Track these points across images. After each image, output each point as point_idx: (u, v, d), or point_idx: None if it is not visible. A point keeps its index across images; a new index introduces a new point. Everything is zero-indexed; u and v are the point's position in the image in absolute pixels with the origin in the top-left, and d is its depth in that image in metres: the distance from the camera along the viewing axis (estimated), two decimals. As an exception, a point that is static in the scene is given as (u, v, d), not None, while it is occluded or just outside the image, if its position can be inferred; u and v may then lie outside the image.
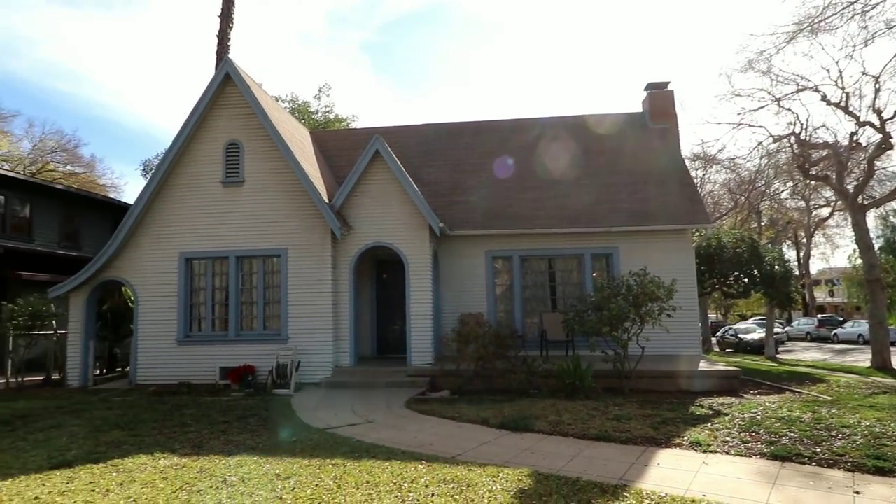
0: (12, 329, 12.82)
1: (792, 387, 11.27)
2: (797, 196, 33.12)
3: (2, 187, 17.95)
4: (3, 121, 36.75)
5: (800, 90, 17.88)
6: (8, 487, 5.36)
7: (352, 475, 5.49)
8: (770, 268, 17.77)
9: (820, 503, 4.75)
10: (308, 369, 11.62)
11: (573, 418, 7.88)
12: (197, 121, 12.65)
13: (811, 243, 40.37)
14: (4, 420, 8.56)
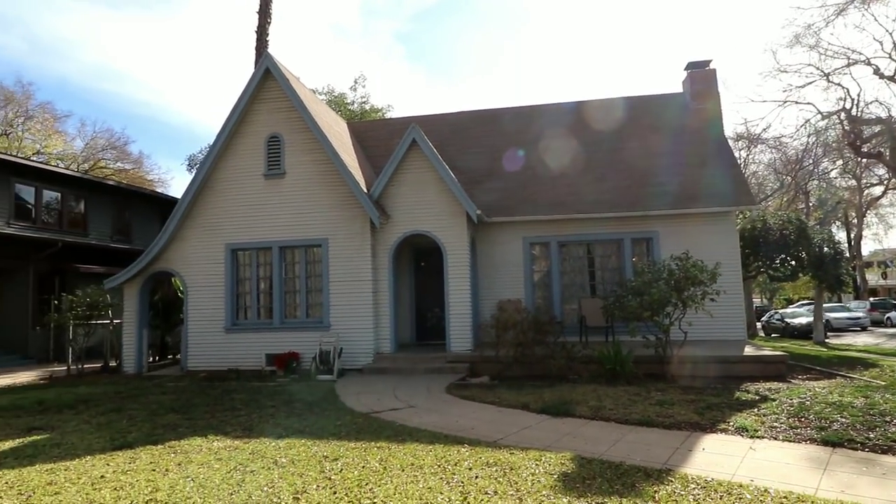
0: (72, 319, 13.49)
1: (843, 372, 10.90)
2: (847, 175, 31.73)
3: (58, 185, 18.79)
4: (58, 121, 38.41)
5: (850, 64, 17.07)
6: (76, 467, 5.68)
7: (397, 457, 5.61)
8: (819, 249, 17.11)
9: (874, 489, 4.62)
10: (350, 356, 11.85)
11: (614, 403, 7.82)
12: (239, 115, 12.94)
13: (863, 223, 38.67)
14: (69, 404, 9.02)
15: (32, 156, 33.40)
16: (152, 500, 4.64)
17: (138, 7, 78.48)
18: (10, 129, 36.01)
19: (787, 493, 4.50)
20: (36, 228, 17.53)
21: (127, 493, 4.81)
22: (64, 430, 7.34)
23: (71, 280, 17.71)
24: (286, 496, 4.61)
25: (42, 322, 15.97)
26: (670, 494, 4.48)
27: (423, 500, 4.46)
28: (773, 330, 27.24)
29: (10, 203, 16.93)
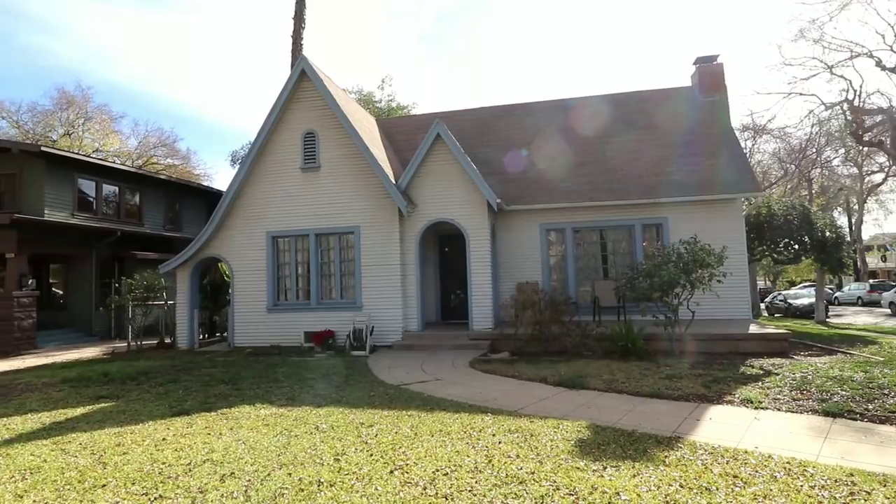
0: (131, 300, 13.87)
1: (843, 349, 10.68)
2: (849, 163, 30.85)
3: (116, 179, 19.20)
4: (113, 122, 39.15)
5: (853, 56, 16.50)
6: (140, 430, 5.91)
7: (426, 424, 5.69)
8: (821, 234, 16.70)
9: (872, 456, 4.58)
10: (380, 333, 11.99)
11: (626, 377, 7.82)
12: (277, 114, 13.05)
13: (863, 209, 37.59)
14: (131, 376, 9.31)
15: (92, 153, 34.18)
16: (209, 459, 4.80)
17: (182, 14, 79.21)
18: (72, 129, 36.84)
19: (790, 458, 4.48)
20: (97, 219, 17.98)
21: (186, 454, 4.99)
22: (128, 399, 7.62)
23: (129, 265, 18.18)
24: (328, 457, 4.73)
25: (104, 303, 16.44)
26: (680, 459, 4.49)
27: (452, 462, 4.53)
28: (776, 310, 26.72)
29: (73, 196, 17.38)
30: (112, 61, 65.39)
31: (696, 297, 9.79)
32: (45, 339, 15.57)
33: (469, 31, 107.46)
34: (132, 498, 4.02)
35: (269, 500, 3.87)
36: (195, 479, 4.32)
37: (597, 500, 3.72)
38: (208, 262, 14.13)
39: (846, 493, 3.77)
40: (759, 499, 3.70)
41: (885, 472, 4.16)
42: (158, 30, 72.06)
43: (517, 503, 3.70)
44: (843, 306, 33.11)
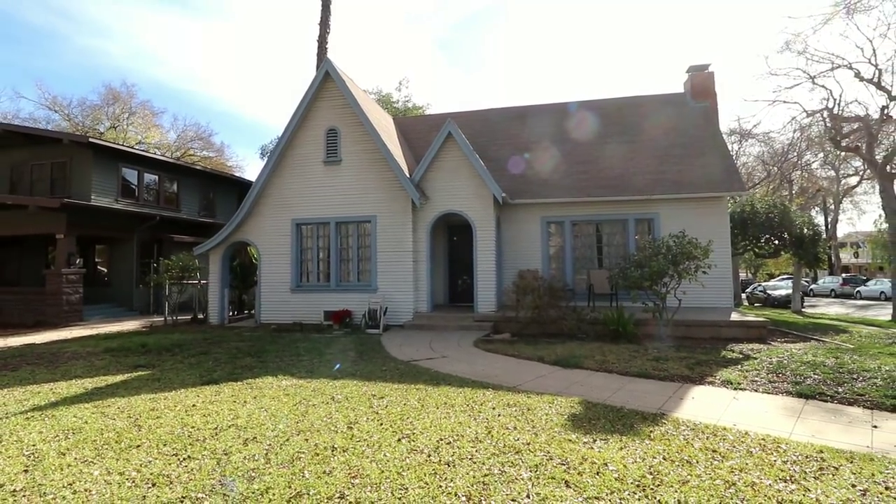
0: (168, 279, 13.94)
1: (816, 336, 10.55)
2: (827, 166, 30.36)
3: (156, 169, 19.25)
4: (155, 117, 39.17)
5: (834, 68, 16.08)
6: (172, 397, 5.93)
7: (432, 397, 5.67)
8: (800, 231, 16.47)
9: (840, 434, 4.52)
10: (393, 314, 11.98)
11: (617, 358, 7.76)
12: (303, 111, 12.97)
13: (839, 209, 37.08)
14: (166, 348, 9.35)
15: (135, 145, 34.28)
16: (234, 425, 4.81)
17: (219, 19, 78.91)
18: (117, 122, 36.92)
19: (765, 435, 4.43)
20: (138, 205, 18.05)
21: (213, 419, 5.00)
22: (162, 368, 7.64)
23: (166, 247, 18.28)
24: (342, 425, 4.73)
25: (144, 281, 16.57)
26: (664, 434, 4.44)
27: (455, 432, 4.52)
28: (756, 300, 26.49)
29: (117, 184, 17.44)
30: (156, 62, 65.39)
31: (683, 286, 9.68)
32: (91, 313, 15.73)
33: (481, 39, 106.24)
34: (163, 458, 4.04)
35: (287, 462, 3.88)
36: (221, 442, 4.34)
37: (586, 469, 3.68)
38: (238, 245, 14.15)
39: (816, 468, 3.73)
40: (736, 471, 3.65)
41: (851, 449, 4.12)
42: (198, 33, 71.97)
43: (513, 471, 3.67)
44: (818, 297, 32.79)
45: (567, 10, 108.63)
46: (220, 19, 79.53)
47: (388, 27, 75.70)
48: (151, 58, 65.09)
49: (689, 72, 15.66)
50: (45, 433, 4.69)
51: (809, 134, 22.11)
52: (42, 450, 4.26)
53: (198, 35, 72.38)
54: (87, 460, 4.04)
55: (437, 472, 3.68)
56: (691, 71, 15.57)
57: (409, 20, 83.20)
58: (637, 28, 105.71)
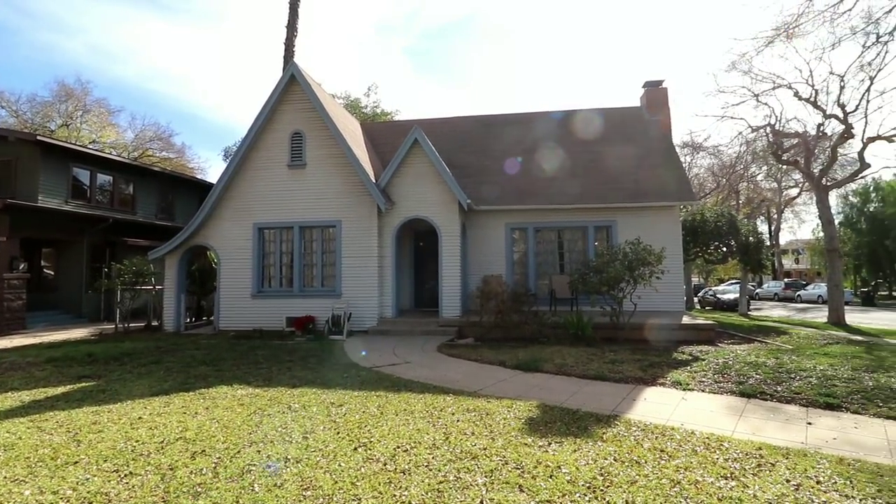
0: (120, 284, 13.25)
1: (759, 338, 11.02)
2: (770, 178, 32.01)
3: (111, 169, 18.37)
4: (111, 115, 37.43)
5: (776, 87, 16.92)
6: (117, 409, 5.57)
7: (392, 404, 5.57)
8: (745, 239, 17.23)
9: (778, 431, 4.71)
10: (357, 319, 11.79)
11: (575, 361, 7.86)
12: (267, 114, 12.66)
13: (781, 218, 39.17)
14: (115, 357, 8.78)
15: (89, 144, 32.65)
16: (182, 437, 4.58)
17: (184, 17, 76.42)
18: (70, 120, 35.06)
19: (710, 434, 4.56)
20: (90, 206, 17.15)
21: (160, 432, 4.74)
22: (109, 379, 7.20)
23: (120, 251, 17.42)
24: (297, 435, 4.58)
25: (94, 287, 15.72)
26: (616, 435, 4.51)
27: (412, 439, 4.44)
28: (707, 304, 27.52)
29: (68, 184, 16.52)
30: (116, 60, 62.72)
31: (639, 291, 9.95)
32: (35, 320, 14.79)
33: (451, 50, 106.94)
34: (102, 474, 3.79)
35: (236, 476, 3.71)
36: (166, 457, 4.11)
37: (540, 473, 3.68)
38: (197, 249, 13.64)
39: (754, 465, 3.85)
40: (682, 470, 3.73)
41: (788, 445, 4.29)
42: (162, 32, 69.42)
43: (469, 477, 3.63)
44: (763, 301, 34.40)
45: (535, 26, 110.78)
46: (186, 19, 77.17)
47: (358, 34, 75.26)
48: (112, 56, 62.47)
49: (644, 87, 16.19)
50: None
51: (754, 148, 23.18)
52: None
53: (162, 34, 69.86)
54: (19, 479, 3.74)
55: (392, 480, 3.60)
56: (647, 86, 16.10)
57: (380, 28, 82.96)
58: (599, 44, 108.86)
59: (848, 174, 19.88)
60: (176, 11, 76.65)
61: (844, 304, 16.77)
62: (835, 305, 15.83)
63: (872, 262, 33.44)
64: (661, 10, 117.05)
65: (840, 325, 15.08)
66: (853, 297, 29.29)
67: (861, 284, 34.52)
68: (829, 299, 16.43)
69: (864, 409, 5.30)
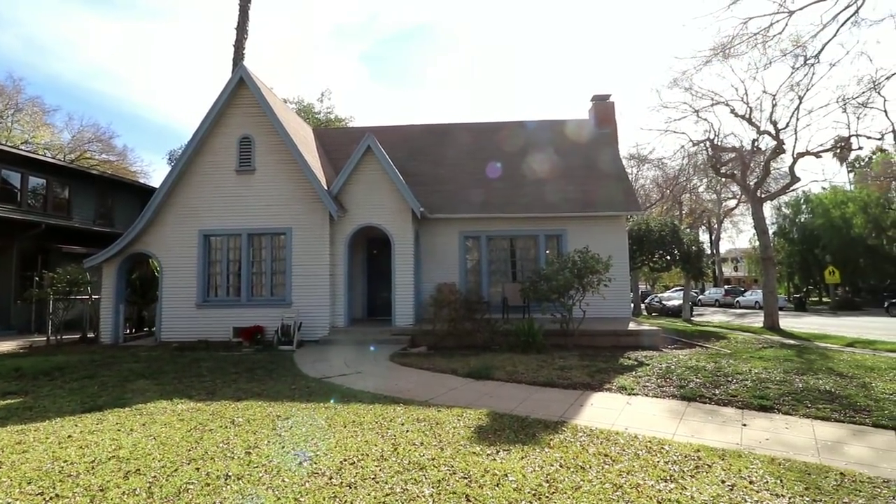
0: (52, 294, 12.38)
1: (700, 342, 11.54)
2: (710, 190, 33.87)
3: (44, 172, 17.23)
4: (46, 115, 35.14)
5: (714, 104, 18.00)
6: (45, 428, 5.20)
7: (341, 416, 5.45)
8: (687, 247, 18.07)
9: (715, 433, 4.91)
10: (308, 329, 11.50)
11: (526, 368, 7.94)
12: (214, 117, 12.22)
13: (721, 228, 41.45)
14: (45, 372, 8.23)
15: (21, 145, 30.44)
16: (115, 457, 4.30)
17: (129, 13, 72.97)
18: (0, 119, 32.71)
19: (652, 437, 4.71)
20: (21, 211, 16.00)
21: (91, 451, 4.44)
22: (37, 395, 6.70)
23: (55, 259, 16.29)
24: (239, 451, 4.39)
25: (24, 296, 14.62)
26: (562, 441, 4.58)
27: (360, 451, 4.36)
28: (653, 310, 28.58)
29: (-5, 187, 15.37)
30: (54, 56, 59.02)
31: (587, 298, 10.22)
32: (-43, 333, 13.61)
33: (408, 57, 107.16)
34: (26, 498, 3.51)
35: (172, 496, 3.51)
36: (97, 477, 3.84)
37: (487, 482, 3.69)
38: (138, 257, 12.93)
39: (693, 467, 4.00)
40: (624, 474, 3.83)
41: (724, 447, 4.48)
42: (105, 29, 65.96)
43: (416, 489, 3.59)
44: (705, 307, 36.14)
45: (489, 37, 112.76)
46: (130, 15, 73.68)
47: (314, 38, 74.11)
48: (48, 51, 58.77)
49: (593, 100, 16.78)
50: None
51: (696, 161, 24.47)
52: None
53: (103, 30, 66.42)
54: (-78, 509, 3.41)
55: (337, 495, 3.50)
56: (595, 100, 16.70)
57: (337, 33, 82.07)
58: (550, 58, 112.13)
59: (780, 187, 21.35)
60: (118, 7, 73.16)
61: (779, 310, 17.86)
62: (770, 311, 16.81)
63: (804, 269, 35.82)
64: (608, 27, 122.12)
65: (775, 329, 16.02)
66: (787, 303, 31.19)
67: (794, 290, 36.84)
68: (765, 305, 17.42)
69: (794, 410, 5.60)
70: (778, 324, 16.51)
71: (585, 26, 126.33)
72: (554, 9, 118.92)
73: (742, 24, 12.43)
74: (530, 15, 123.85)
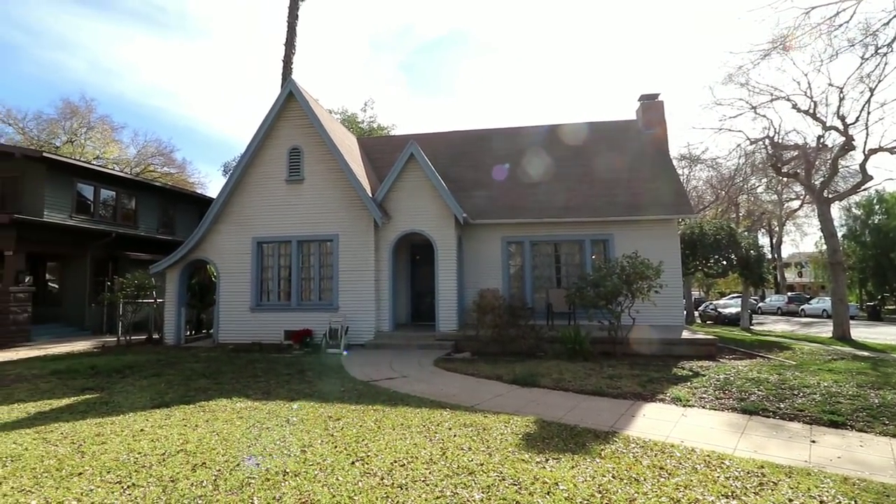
0: (122, 298, 13.33)
1: (762, 353, 10.98)
2: (770, 191, 32.01)
3: (114, 185, 18.54)
4: (114, 132, 37.84)
5: (773, 99, 17.07)
6: (120, 421, 5.62)
7: (389, 418, 5.57)
8: (746, 252, 17.21)
9: (780, 450, 4.67)
10: (354, 333, 11.80)
11: (573, 376, 7.83)
12: (266, 130, 12.81)
13: (783, 231, 39.09)
14: (117, 369, 8.89)
15: (93, 160, 32.93)
16: (183, 450, 4.59)
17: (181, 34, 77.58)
18: (74, 137, 35.46)
19: (710, 452, 4.54)
20: (94, 221, 17.29)
21: (162, 444, 4.76)
22: (112, 391, 7.25)
23: (122, 265, 17.52)
24: (295, 449, 4.58)
25: (97, 300, 15.78)
26: (614, 452, 4.49)
27: (409, 453, 4.44)
28: (707, 318, 27.37)
29: (72, 200, 16.69)
30: (118, 77, 63.57)
31: (637, 305, 9.95)
32: (40, 333, 14.83)
33: (444, 64, 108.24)
34: (106, 486, 3.81)
35: (236, 488, 3.72)
36: (168, 469, 4.13)
37: (537, 489, 3.68)
38: (197, 263, 13.69)
39: (756, 484, 3.83)
40: (682, 489, 3.72)
41: (790, 464, 4.24)
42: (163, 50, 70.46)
43: (466, 493, 3.63)
44: (766, 315, 34.21)
45: (529, 38, 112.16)
46: (186, 36, 78.34)
47: (354, 50, 76.26)
48: (114, 73, 63.34)
49: (640, 100, 16.36)
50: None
51: (753, 160, 23.28)
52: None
53: (163, 51, 70.93)
54: (25, 489, 3.77)
55: (389, 495, 3.60)
56: (643, 100, 16.27)
57: (375, 45, 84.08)
58: (594, 58, 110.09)
59: (850, 186, 19.86)
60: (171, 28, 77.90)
61: (850, 319, 16.66)
62: (839, 320, 15.73)
63: (878, 275, 33.09)
64: (654, 24, 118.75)
65: (845, 340, 14.99)
66: (859, 312, 29.04)
67: (867, 298, 34.17)
68: (834, 314, 16.33)
69: (869, 427, 5.24)
70: (849, 334, 15.43)
71: (629, 24, 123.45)
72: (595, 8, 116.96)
73: (804, 14, 11.80)
74: (569, 15, 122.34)
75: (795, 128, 32.95)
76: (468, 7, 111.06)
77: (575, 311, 11.64)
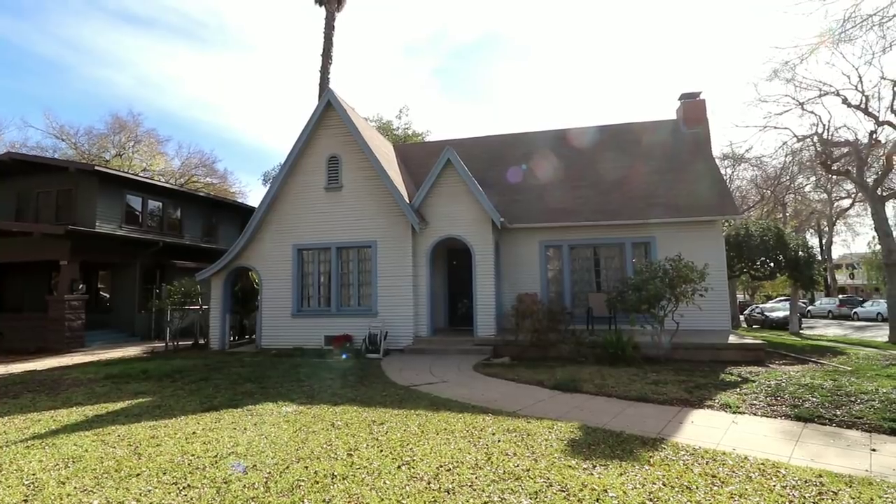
0: (170, 304, 13.92)
1: (814, 358, 10.49)
2: (819, 189, 30.59)
3: (160, 196, 19.42)
4: (160, 144, 39.71)
5: (822, 95, 16.40)
6: (173, 424, 5.87)
7: (432, 423, 5.63)
8: (794, 253, 16.51)
9: (839, 458, 4.48)
10: (393, 338, 11.94)
11: (616, 382, 7.71)
12: (305, 139, 13.18)
13: (833, 231, 37.20)
14: (167, 374, 9.28)
15: (140, 172, 34.62)
16: (234, 452, 4.77)
17: (221, 48, 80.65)
18: (123, 151, 37.38)
19: (765, 460, 4.39)
20: (142, 231, 18.15)
21: (214, 447, 4.96)
22: (163, 395, 7.57)
23: (169, 273, 18.30)
24: (342, 452, 4.69)
25: (146, 307, 16.53)
26: (663, 459, 4.40)
27: (454, 458, 4.48)
28: (754, 322, 26.35)
29: (122, 210, 17.58)
30: (162, 91, 66.65)
31: (681, 309, 9.70)
32: (92, 339, 15.66)
33: (479, 67, 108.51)
34: (163, 486, 4.00)
35: (286, 491, 3.84)
36: (220, 471, 4.30)
37: (586, 496, 3.65)
38: (240, 270, 14.18)
39: (815, 493, 3.69)
40: (736, 497, 3.61)
41: (850, 473, 4.07)
42: (205, 64, 73.45)
43: (513, 498, 3.64)
44: (816, 319, 32.63)
45: (563, 38, 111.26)
46: (226, 49, 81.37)
47: (388, 57, 77.42)
48: (158, 87, 66.39)
49: (681, 99, 15.98)
50: (46, 462, 4.65)
51: (801, 158, 22.35)
52: (42, 479, 4.22)
53: (205, 65, 73.93)
54: (87, 489, 3.99)
55: (437, 499, 3.64)
56: (683, 98, 15.89)
57: (408, 51, 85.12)
58: (632, 57, 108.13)
59: (905, 183, 18.91)
60: (211, 42, 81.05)
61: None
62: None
63: (937, 276, 31.23)
64: (693, 22, 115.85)
65: (903, 344, 14.21)
66: (917, 315, 27.32)
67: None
68: (890, 317, 15.53)
69: (934, 435, 4.98)
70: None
71: (666, 22, 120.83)
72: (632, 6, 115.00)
73: (854, 6, 11.29)
74: (605, 14, 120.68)
75: (846, 123, 31.60)
76: (501, 9, 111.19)
77: (616, 315, 11.44)
